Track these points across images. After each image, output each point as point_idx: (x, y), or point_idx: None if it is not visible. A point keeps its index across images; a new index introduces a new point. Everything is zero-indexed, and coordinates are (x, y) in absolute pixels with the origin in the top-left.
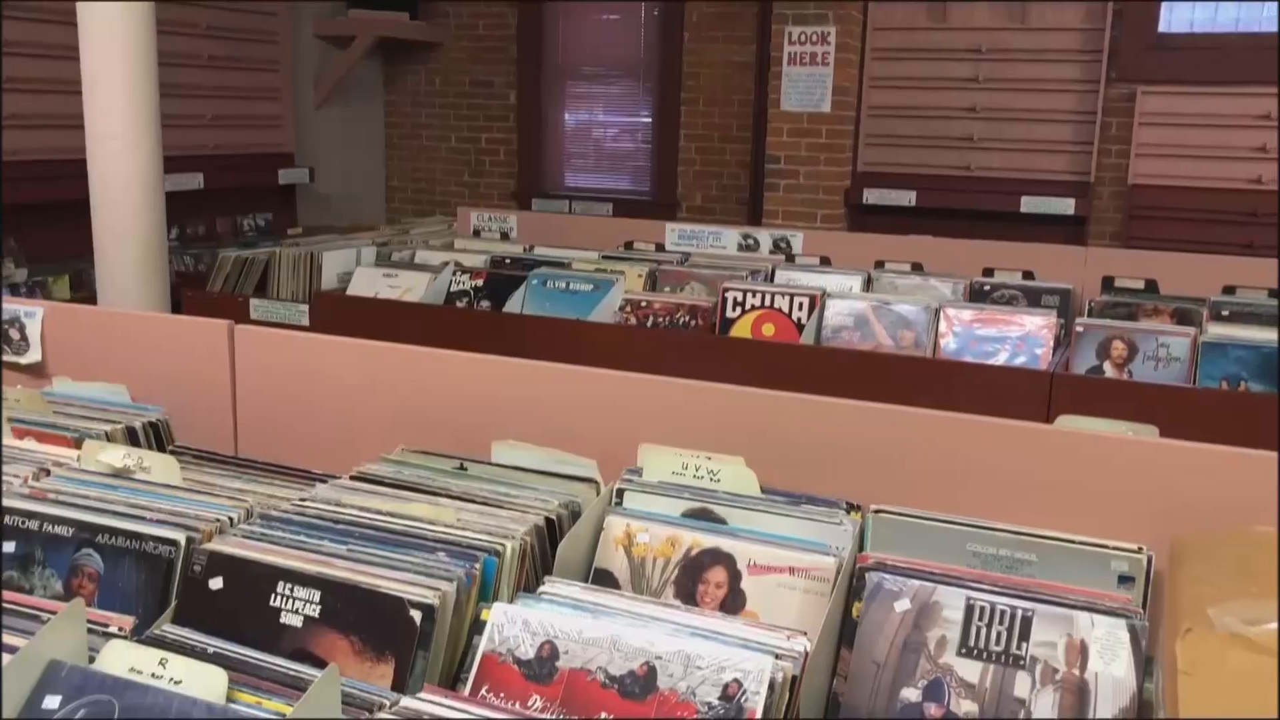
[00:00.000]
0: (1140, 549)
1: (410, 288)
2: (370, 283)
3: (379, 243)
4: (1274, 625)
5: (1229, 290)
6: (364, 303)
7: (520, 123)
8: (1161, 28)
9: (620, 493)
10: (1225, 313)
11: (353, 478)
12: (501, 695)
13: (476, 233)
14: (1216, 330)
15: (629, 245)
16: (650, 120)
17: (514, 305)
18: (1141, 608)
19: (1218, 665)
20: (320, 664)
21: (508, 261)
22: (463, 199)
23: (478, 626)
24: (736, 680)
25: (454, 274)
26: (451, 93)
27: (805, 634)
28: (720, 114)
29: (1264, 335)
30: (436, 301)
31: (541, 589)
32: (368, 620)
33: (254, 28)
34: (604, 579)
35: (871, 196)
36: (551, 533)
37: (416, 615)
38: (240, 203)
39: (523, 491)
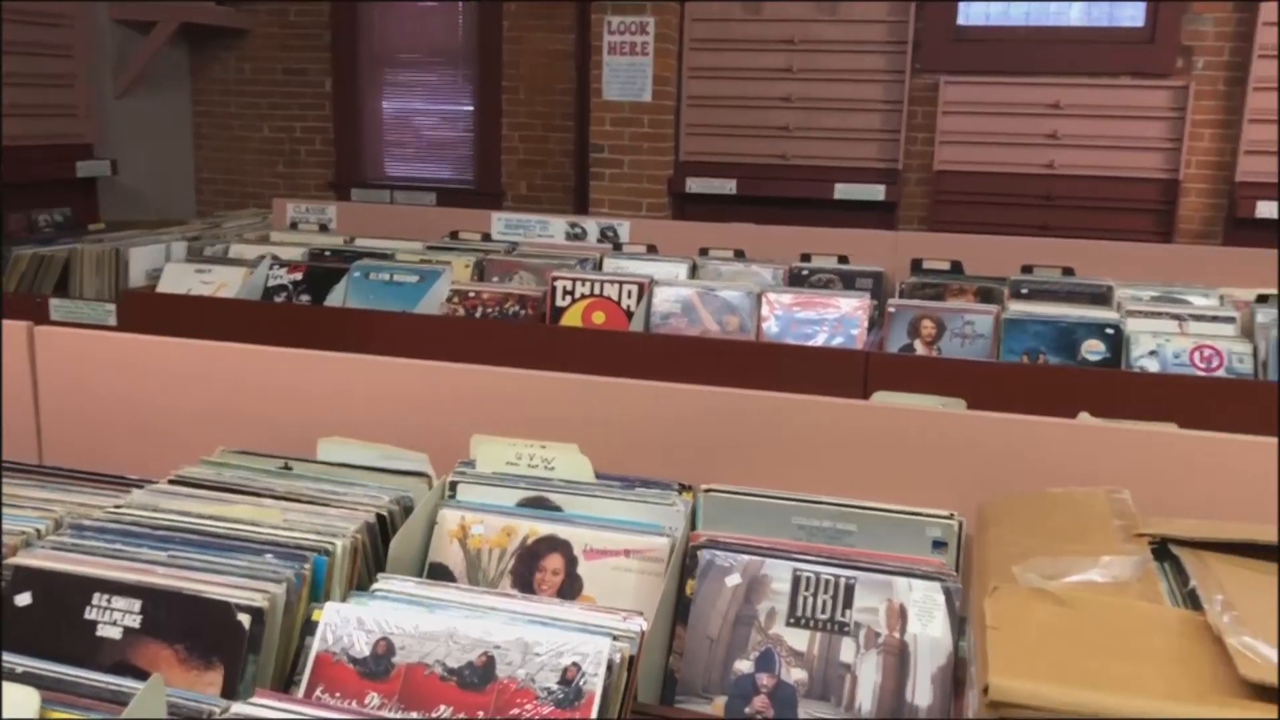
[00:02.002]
0: (952, 515)
1: (225, 283)
2: (181, 279)
3: (190, 237)
4: (1072, 579)
5: (1027, 269)
6: (176, 300)
7: (336, 111)
8: (960, 20)
9: (453, 485)
10: (1024, 291)
11: (170, 482)
12: (337, 695)
13: (294, 225)
14: (1016, 307)
15: (454, 235)
16: (472, 108)
17: (335, 299)
18: (955, 570)
19: (1022, 618)
20: (143, 676)
21: (328, 254)
22: (278, 190)
23: (310, 628)
24: (575, 664)
25: (271, 268)
26: (263, 81)
27: (641, 614)
28: (543, 102)
29: (1059, 311)
30: (253, 297)
31: (375, 586)
32: (193, 627)
33: (43, 10)
34: (439, 573)
35: (694, 185)
36: (384, 529)
37: (245, 619)
38: (34, 197)
39: (352, 489)
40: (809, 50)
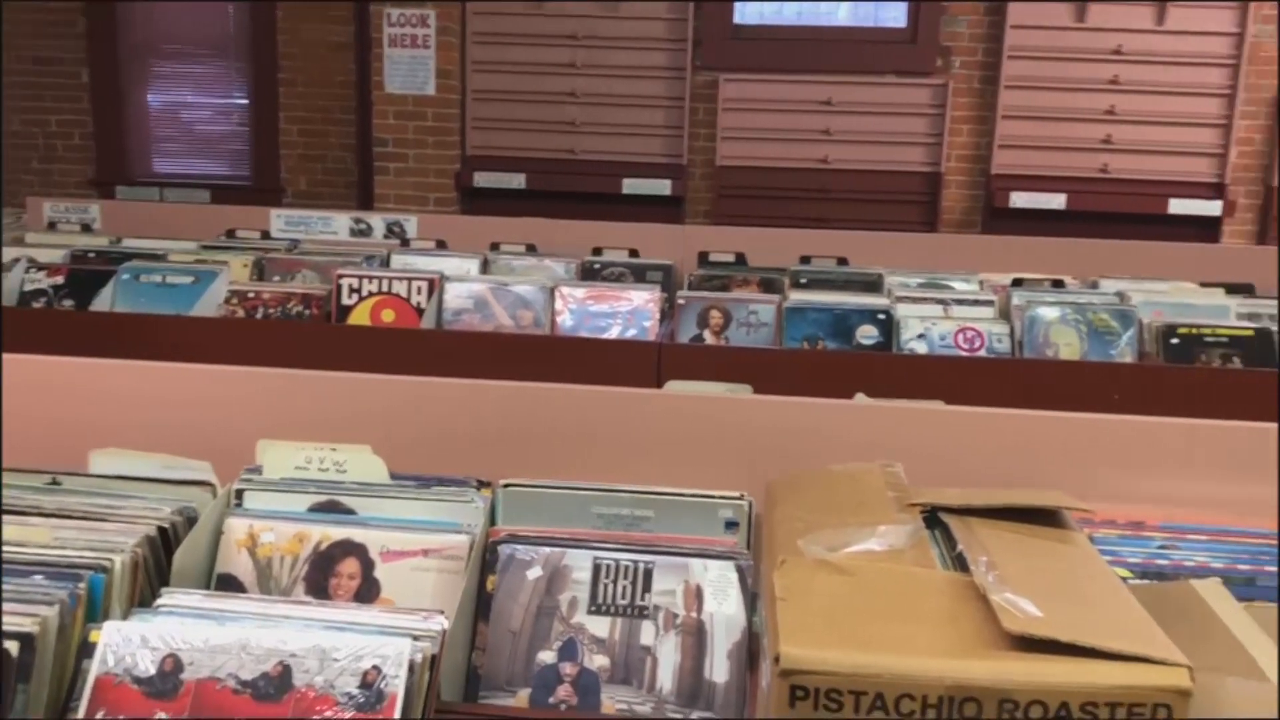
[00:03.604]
0: (742, 496)
1: None
2: None
3: None
4: (852, 549)
5: (805, 260)
6: None
7: (95, 104)
8: (736, 19)
9: (239, 493)
10: (803, 280)
11: None
12: (120, 718)
13: (52, 225)
14: (797, 296)
15: (231, 234)
16: (246, 102)
17: (102, 303)
18: (746, 549)
19: (809, 589)
20: None
21: (92, 255)
22: (33, 188)
23: (87, 650)
24: (375, 666)
25: (27, 271)
26: (12, 70)
27: (442, 613)
28: (322, 95)
29: (835, 299)
30: (9, 303)
31: (158, 602)
32: None
33: None
34: (228, 584)
35: (482, 179)
36: (166, 543)
37: (13, 646)
38: None
39: (129, 501)
40: (592, 46)
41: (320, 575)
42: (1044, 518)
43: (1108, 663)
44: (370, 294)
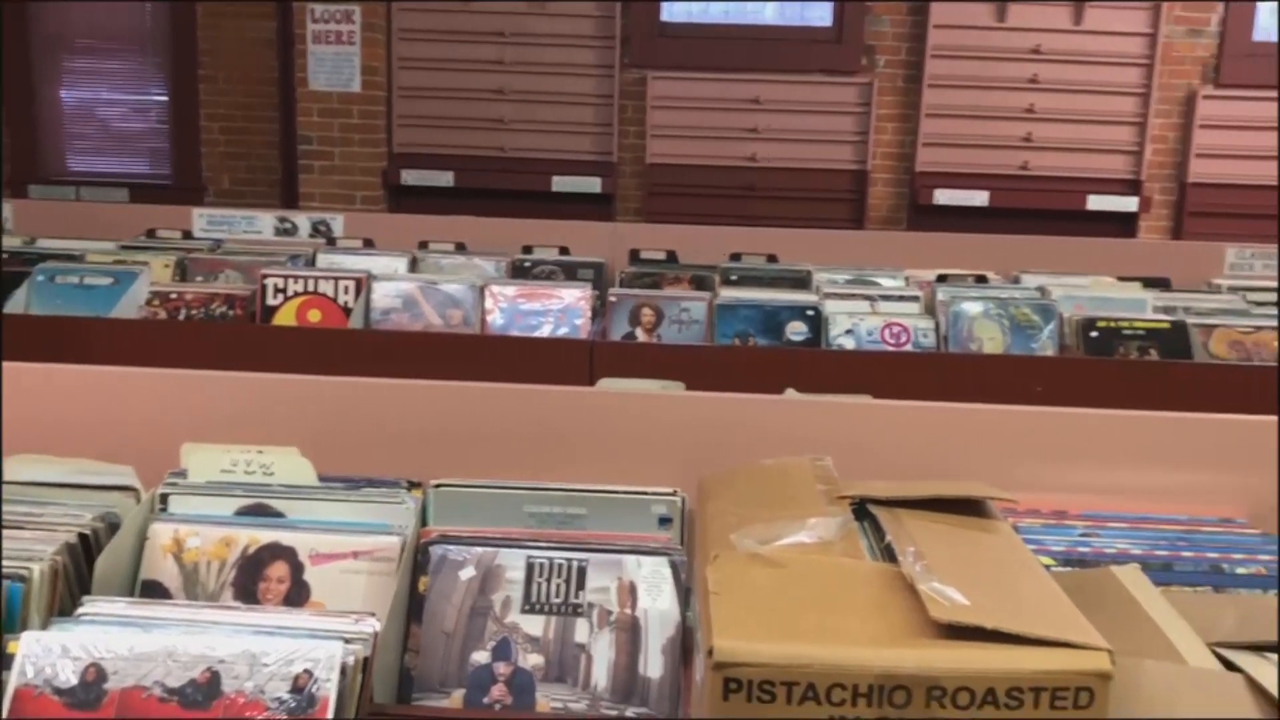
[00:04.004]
0: (675, 492)
1: None
2: None
3: None
4: (783, 542)
5: (735, 257)
6: None
7: (6, 100)
8: (664, 17)
9: (164, 498)
10: (734, 277)
11: None
12: None
13: None
14: (727, 293)
15: (151, 234)
16: (165, 98)
17: (16, 306)
18: (680, 544)
19: (741, 583)
20: None
21: (4, 256)
22: None
23: (5, 662)
24: (306, 670)
25: None
26: None
27: (374, 615)
28: (244, 92)
29: (765, 295)
30: None
31: (80, 610)
32: None
33: None
34: (153, 591)
35: (410, 177)
36: (88, 550)
37: None
38: None
39: (47, 508)
40: (520, 43)
41: (248, 580)
42: (970, 508)
43: (1032, 649)
44: (296, 294)
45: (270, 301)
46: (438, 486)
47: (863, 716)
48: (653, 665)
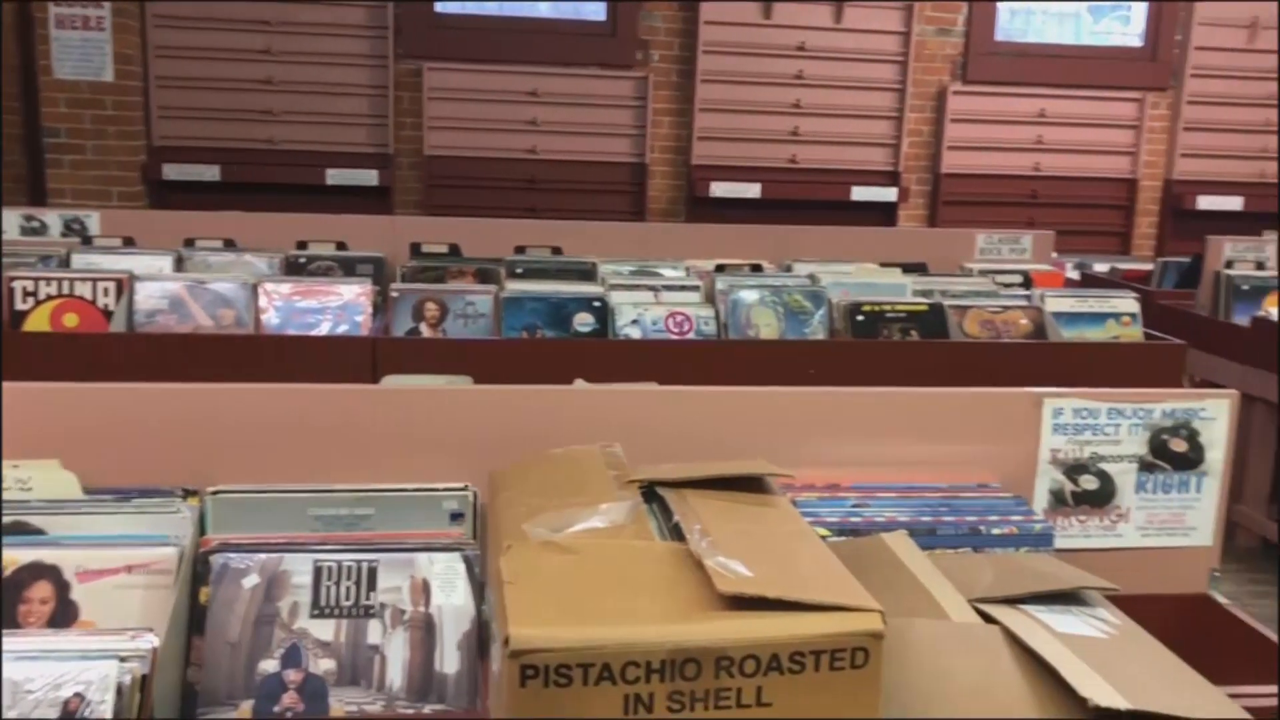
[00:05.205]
0: (466, 487)
1: None
2: None
3: None
4: (576, 528)
5: (520, 250)
6: None
7: None
8: (438, 8)
9: None
10: (519, 270)
11: None
12: None
13: None
14: (513, 286)
15: None
16: None
17: None
18: (473, 539)
19: (535, 571)
20: None
21: None
22: None
23: None
24: (78, 694)
25: None
26: None
27: (152, 630)
28: None
29: (551, 288)
30: None
31: None
32: None
33: None
34: None
35: (172, 172)
36: None
37: None
38: None
39: None
40: (285, 32)
41: (8, 603)
42: (751, 485)
43: (811, 614)
44: (49, 297)
45: (20, 306)
46: (216, 494)
47: (656, 691)
48: (449, 661)
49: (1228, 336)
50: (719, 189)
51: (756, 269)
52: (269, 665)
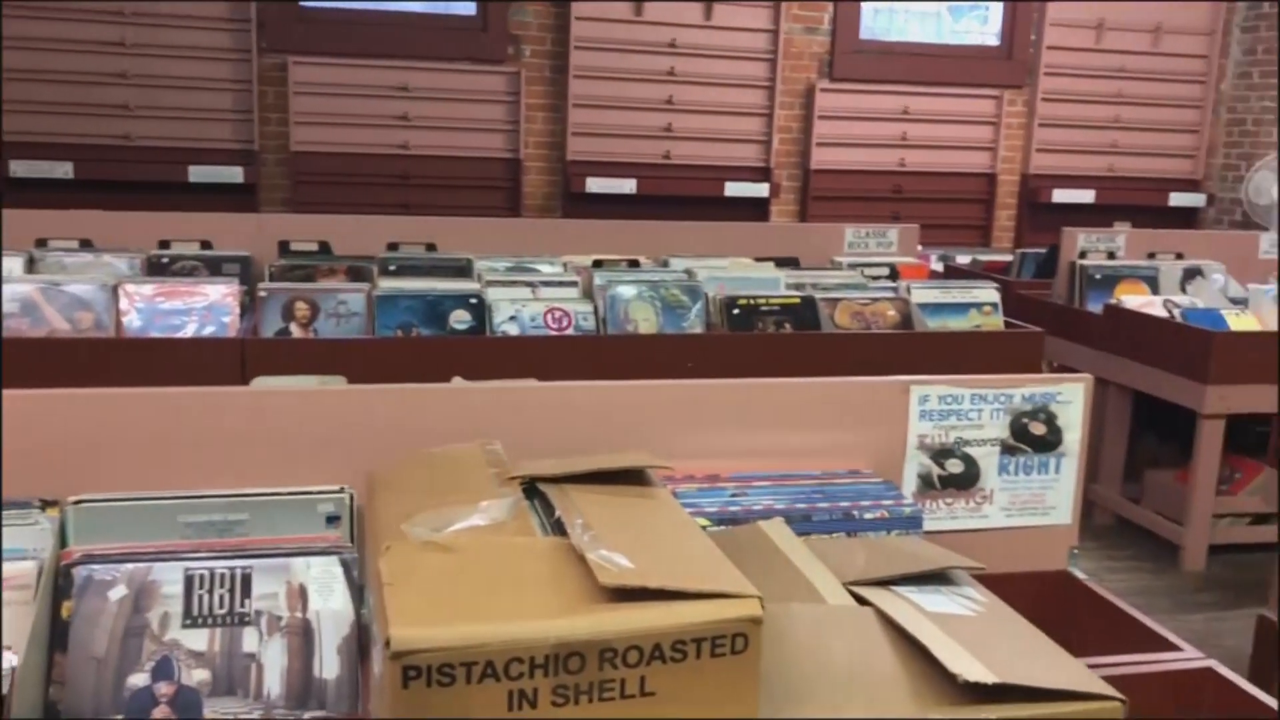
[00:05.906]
0: (343, 489)
1: None
2: None
3: None
4: (456, 527)
5: (393, 247)
6: None
7: None
8: (303, 3)
9: None
10: (392, 268)
11: None
12: None
13: None
14: (387, 284)
15: None
16: None
17: None
18: (350, 542)
19: (416, 571)
20: None
21: None
22: None
23: None
24: None
25: None
26: None
27: (10, 648)
28: None
29: (426, 285)
30: None
31: None
32: None
33: None
34: None
35: (20, 169)
36: None
37: None
38: None
39: None
40: (142, 24)
41: None
42: (632, 478)
43: (691, 603)
44: None
45: None
46: (77, 504)
47: (540, 686)
48: (328, 666)
49: (1082, 323)
50: (595, 184)
51: (634, 264)
52: (139, 679)
